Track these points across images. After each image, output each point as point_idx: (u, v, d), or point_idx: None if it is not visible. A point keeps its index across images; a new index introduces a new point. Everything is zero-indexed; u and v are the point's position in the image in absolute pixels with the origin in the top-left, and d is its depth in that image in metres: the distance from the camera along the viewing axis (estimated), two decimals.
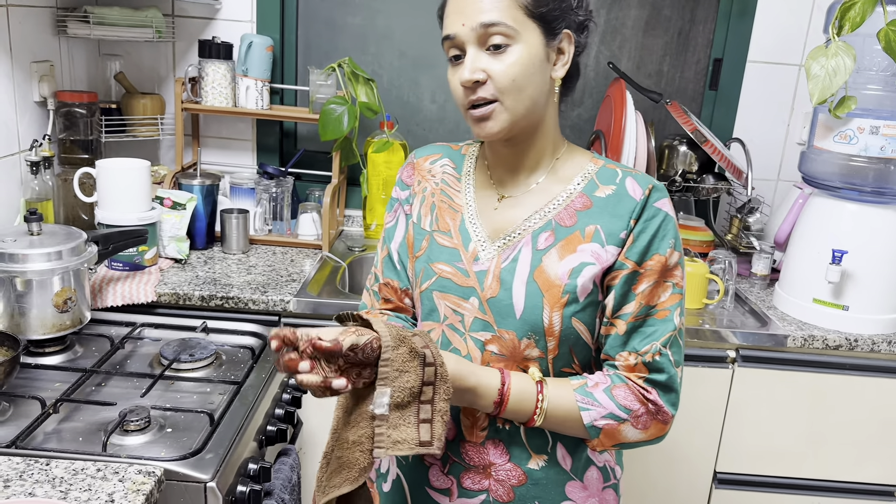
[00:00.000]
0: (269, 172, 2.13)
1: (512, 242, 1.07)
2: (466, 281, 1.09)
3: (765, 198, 2.20)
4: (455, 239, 1.11)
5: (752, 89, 2.23)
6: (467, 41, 1.00)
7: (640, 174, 1.07)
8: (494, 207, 1.11)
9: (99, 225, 1.75)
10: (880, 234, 1.72)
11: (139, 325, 1.62)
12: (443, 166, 1.19)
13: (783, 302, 1.86)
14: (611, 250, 1.03)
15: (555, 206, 1.07)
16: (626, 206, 1.04)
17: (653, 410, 1.02)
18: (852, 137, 1.68)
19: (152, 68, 2.21)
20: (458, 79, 1.02)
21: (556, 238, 1.05)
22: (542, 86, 1.03)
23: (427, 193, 1.17)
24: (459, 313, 1.09)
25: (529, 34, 1.00)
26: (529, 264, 1.05)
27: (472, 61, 1.00)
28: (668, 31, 2.24)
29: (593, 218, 1.05)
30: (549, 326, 1.03)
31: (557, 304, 1.03)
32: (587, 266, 1.03)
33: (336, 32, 2.28)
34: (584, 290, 1.03)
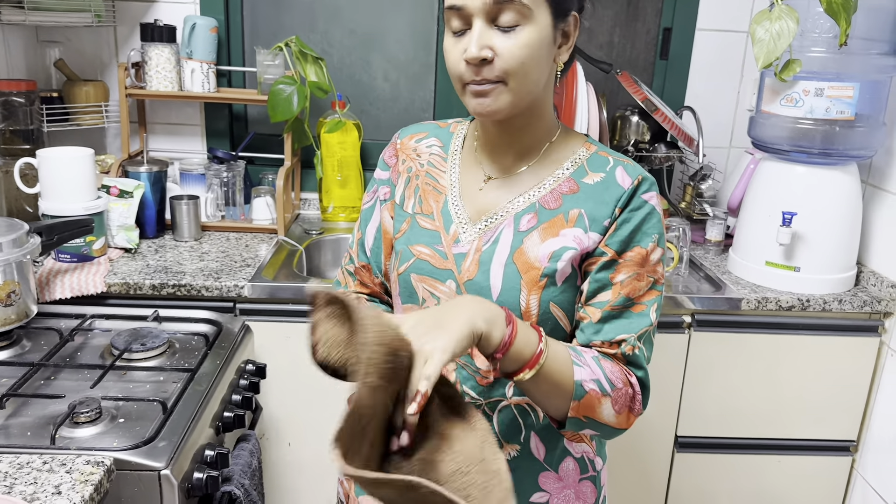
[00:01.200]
0: (220, 157, 2.09)
1: (494, 224, 1.05)
2: (444, 263, 1.06)
3: (717, 164, 2.22)
4: (437, 221, 1.09)
5: (701, 57, 2.24)
6: (476, 14, 0.93)
7: (632, 164, 1.04)
8: (479, 188, 1.08)
9: (43, 216, 1.70)
10: (828, 195, 1.75)
11: (89, 316, 1.58)
12: (430, 146, 1.15)
13: (737, 266, 1.89)
14: (593, 237, 1.00)
15: (541, 190, 1.04)
16: (612, 194, 1.01)
17: (630, 395, 0.98)
18: (798, 100, 1.70)
19: (94, 54, 2.15)
20: (459, 52, 0.95)
21: (539, 220, 1.03)
22: (546, 69, 0.99)
23: (412, 174, 1.14)
24: (436, 296, 1.06)
25: (541, 14, 0.94)
26: (510, 246, 1.03)
27: (479, 37, 0.93)
28: (617, 1, 2.24)
29: (579, 202, 1.02)
30: (525, 310, 1.01)
31: (535, 287, 1.00)
32: (568, 250, 1.00)
33: (283, 11, 2.24)
34: (563, 274, 1.01)
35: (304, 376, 1.74)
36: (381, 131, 2.34)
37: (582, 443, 1.10)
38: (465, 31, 0.96)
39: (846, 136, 1.71)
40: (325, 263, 2.12)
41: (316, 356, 0.87)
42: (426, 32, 2.26)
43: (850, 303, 1.76)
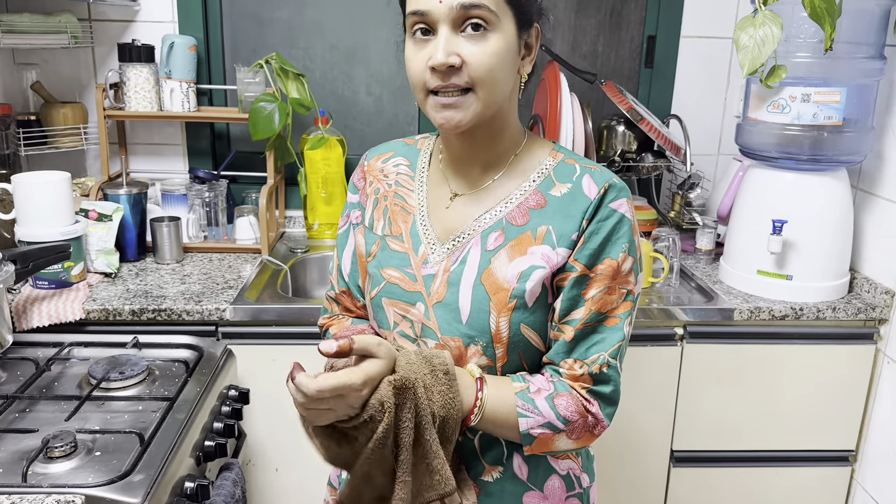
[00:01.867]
0: (201, 177, 2.06)
1: (461, 244, 1.02)
2: (413, 286, 1.04)
3: (705, 173, 2.19)
4: (406, 243, 1.06)
5: (687, 65, 2.22)
6: (441, 20, 0.90)
7: (600, 171, 1.01)
8: (446, 206, 1.06)
9: (19, 242, 1.66)
10: (818, 202, 1.72)
11: (67, 344, 1.54)
12: (396, 165, 1.13)
13: (728, 275, 1.86)
14: (561, 252, 0.97)
15: (507, 205, 1.02)
16: (579, 206, 0.98)
17: (591, 423, 0.97)
18: (785, 106, 1.68)
19: (72, 76, 2.12)
20: (423, 59, 0.92)
21: (507, 238, 1.00)
22: (511, 80, 0.97)
23: (380, 195, 1.12)
24: (409, 319, 1.04)
25: (507, 22, 0.93)
26: (478, 266, 1.00)
27: (446, 43, 0.90)
28: (600, 10, 2.22)
29: (546, 218, 0.99)
30: (496, 332, 0.98)
31: (505, 309, 0.97)
32: (536, 269, 0.97)
33: (263, 28, 2.22)
34: (533, 295, 0.98)
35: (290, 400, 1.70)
36: (365, 146, 2.29)
37: (567, 459, 1.07)
38: (428, 38, 0.93)
39: (834, 141, 1.69)
40: (310, 282, 2.08)
41: None
42: None
43: (844, 310, 1.73)
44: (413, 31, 0.94)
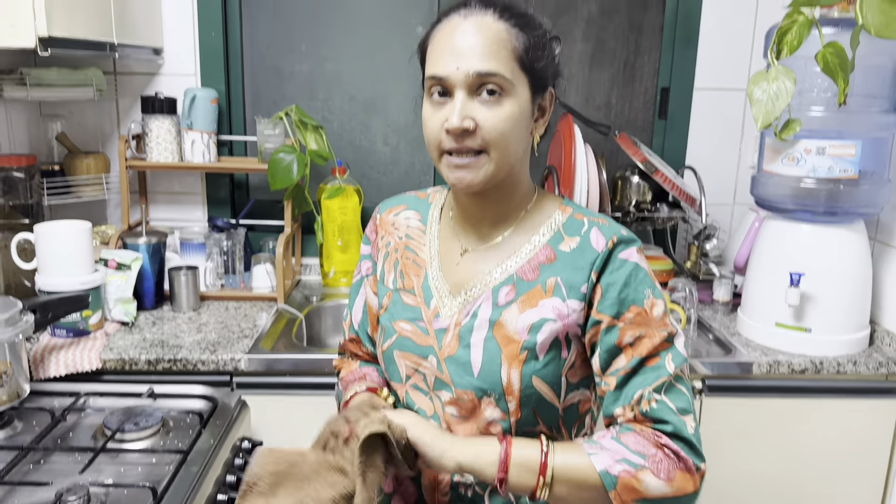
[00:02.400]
0: (220, 226, 2.08)
1: (473, 298, 1.03)
2: (426, 339, 1.05)
3: (721, 222, 2.19)
4: (418, 297, 1.08)
5: (701, 116, 2.24)
6: (458, 85, 0.94)
7: (608, 224, 1.02)
8: (457, 262, 1.07)
9: (39, 292, 1.68)
10: (836, 255, 1.71)
11: (83, 394, 1.55)
12: (407, 219, 1.15)
13: (746, 327, 1.84)
14: (572, 304, 0.98)
15: (518, 260, 1.03)
16: (587, 258, 0.99)
17: (672, 456, 0.91)
18: (800, 159, 1.68)
19: (96, 127, 2.17)
20: (439, 121, 0.95)
21: (518, 292, 1.01)
22: (525, 141, 1.00)
23: (391, 248, 1.14)
24: (421, 372, 1.05)
25: (521, 88, 0.96)
26: (489, 320, 1.01)
27: (462, 107, 0.93)
28: (613, 63, 2.25)
29: (555, 271, 1.00)
30: (507, 385, 0.98)
31: (516, 361, 0.98)
32: (547, 322, 0.98)
33: (284, 80, 2.26)
34: (544, 347, 0.98)
35: None
36: (382, 195, 2.32)
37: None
38: (444, 100, 0.96)
39: (851, 194, 1.68)
40: (325, 331, 2.08)
41: None
42: None
43: (865, 364, 1.70)
44: (431, 93, 0.97)
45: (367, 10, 2.20)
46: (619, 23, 2.22)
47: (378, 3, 2.20)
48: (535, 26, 0.98)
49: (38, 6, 1.44)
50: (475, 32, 0.93)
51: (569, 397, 1.03)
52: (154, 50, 2.09)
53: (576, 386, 1.03)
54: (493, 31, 0.94)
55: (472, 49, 0.93)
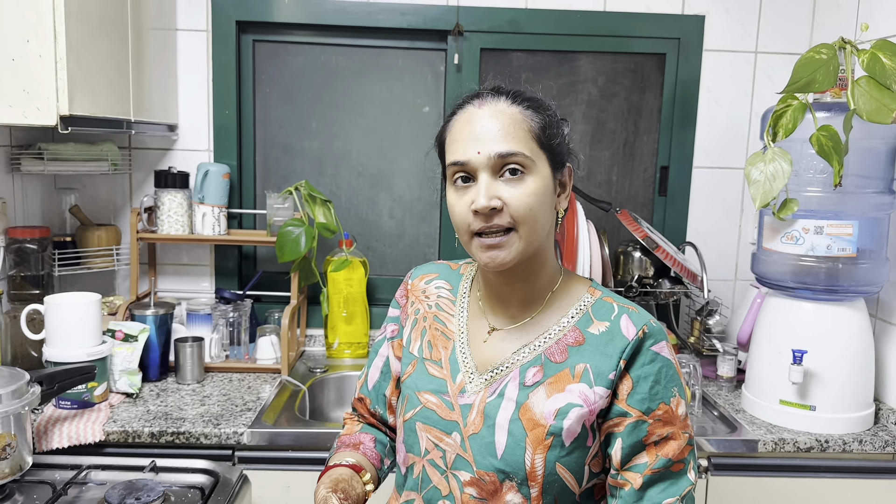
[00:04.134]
0: (226, 297, 2.11)
1: (499, 376, 1.04)
2: (451, 414, 1.05)
3: (723, 298, 2.21)
4: (445, 369, 1.09)
5: (700, 193, 2.29)
6: (480, 168, 0.97)
7: (637, 312, 1.04)
8: (484, 340, 1.09)
9: (46, 363, 1.69)
10: (838, 332, 1.72)
11: (85, 467, 1.54)
12: (438, 288, 1.17)
13: (751, 404, 1.83)
14: (599, 391, 0.99)
15: (546, 340, 1.04)
16: (616, 346, 1.00)
17: None
18: (798, 238, 1.72)
19: (109, 199, 2.22)
20: (466, 204, 0.98)
21: (545, 374, 1.02)
22: (550, 217, 1.02)
23: (419, 316, 1.16)
24: (441, 448, 1.05)
25: (542, 165, 0.99)
26: (515, 401, 1.02)
27: (487, 188, 0.96)
28: (613, 142, 2.32)
29: (584, 356, 1.01)
30: (531, 470, 0.98)
31: (541, 447, 0.98)
32: (574, 408, 0.99)
33: (294, 157, 2.33)
34: (571, 434, 0.99)
35: None
36: (387, 267, 2.36)
37: None
38: (468, 184, 0.99)
39: (850, 272, 1.71)
40: (328, 403, 2.08)
41: None
42: (430, 171, 2.33)
43: (870, 443, 1.69)
44: (454, 180, 1.00)
45: (375, 91, 2.29)
46: (618, 105, 2.30)
47: (386, 85, 2.29)
48: (546, 107, 1.03)
49: (61, 86, 1.50)
50: (492, 118, 0.98)
51: (588, 484, 1.03)
52: (169, 126, 2.16)
53: (597, 474, 1.04)
54: (508, 114, 0.99)
55: (490, 133, 0.97)
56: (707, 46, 2.23)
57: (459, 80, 2.23)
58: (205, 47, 2.19)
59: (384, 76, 2.28)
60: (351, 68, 2.28)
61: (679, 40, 2.23)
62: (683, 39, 2.23)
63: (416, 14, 2.19)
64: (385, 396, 1.20)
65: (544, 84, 2.25)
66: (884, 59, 1.55)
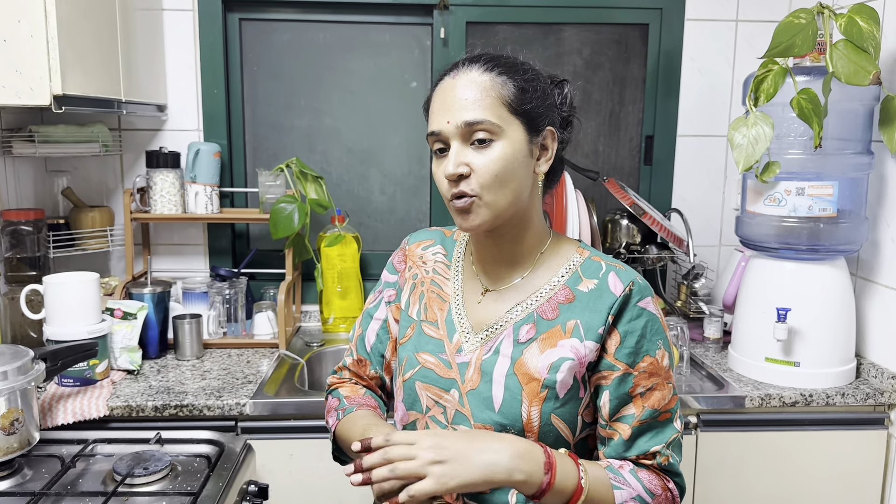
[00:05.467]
0: (222, 275, 2.13)
1: (494, 335, 1.08)
2: (448, 372, 1.09)
3: (708, 263, 2.26)
4: (441, 330, 1.13)
5: (684, 161, 2.33)
6: (451, 137, 1.02)
7: (624, 269, 1.08)
8: (478, 301, 1.13)
9: (48, 341, 1.72)
10: (820, 290, 1.78)
11: (91, 441, 1.57)
12: (435, 254, 1.21)
13: (737, 363, 1.89)
14: (588, 345, 1.03)
15: (537, 299, 1.08)
16: (605, 302, 1.04)
17: (671, 498, 1.05)
18: (781, 200, 1.77)
19: (101, 181, 2.23)
20: (442, 171, 1.03)
21: (538, 331, 1.06)
22: (525, 180, 1.04)
23: (417, 281, 1.19)
24: (441, 405, 1.09)
25: (513, 130, 1.01)
26: (510, 357, 1.06)
27: (455, 155, 1.01)
28: (599, 113, 2.35)
29: (575, 312, 1.05)
30: (527, 421, 1.03)
31: (537, 399, 1.03)
32: (566, 361, 1.03)
33: (283, 134, 2.34)
34: (564, 386, 1.03)
35: (307, 494, 1.71)
36: (379, 242, 2.40)
37: None
38: (445, 150, 1.04)
39: (831, 231, 1.76)
40: (326, 375, 2.11)
41: None
42: (419, 147, 2.36)
43: (853, 396, 1.76)
44: (434, 149, 1.05)
45: (363, 67, 2.30)
46: (603, 76, 2.33)
47: (373, 61, 2.30)
48: (524, 71, 1.04)
49: (53, 66, 1.51)
50: (464, 87, 1.02)
51: (581, 434, 1.08)
52: (158, 107, 2.17)
53: (590, 424, 1.09)
54: (478, 83, 1.02)
55: (459, 102, 1.01)
56: (689, 16, 2.26)
57: (446, 54, 2.26)
58: (191, 27, 2.19)
59: (371, 52, 2.30)
60: (338, 45, 2.30)
61: (661, 10, 2.26)
62: (666, 9, 2.26)
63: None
64: (384, 358, 1.23)
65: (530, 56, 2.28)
66: (861, 22, 1.60)
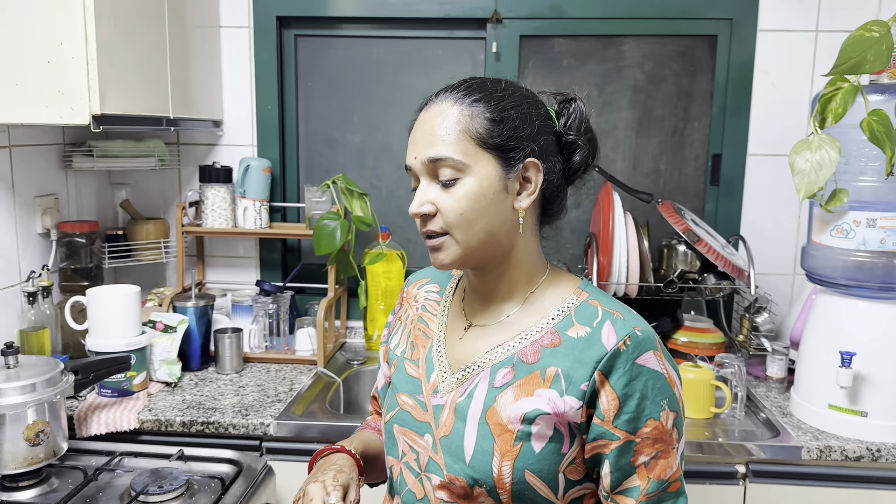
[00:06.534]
0: (266, 289, 2.15)
1: (471, 375, 1.01)
2: (424, 416, 1.03)
3: (780, 294, 2.09)
4: (420, 368, 1.07)
5: (756, 182, 2.16)
6: (419, 173, 0.98)
7: (623, 319, 0.96)
8: (460, 337, 1.06)
9: (89, 352, 1.77)
10: (892, 333, 1.59)
11: (118, 454, 1.60)
12: (427, 291, 1.16)
13: (799, 408, 1.72)
14: (570, 402, 0.93)
15: (521, 341, 1.00)
16: (593, 354, 0.93)
17: None
18: (849, 231, 1.59)
19: (159, 194, 2.30)
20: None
21: (515, 375, 0.97)
22: (500, 216, 0.97)
23: (408, 321, 1.15)
24: (415, 451, 1.03)
25: (482, 166, 0.94)
26: (483, 403, 0.98)
27: (421, 194, 0.98)
28: (661, 130, 2.22)
29: (557, 359, 0.96)
30: (498, 477, 0.94)
31: (509, 454, 0.94)
32: (542, 414, 0.94)
33: (336, 150, 2.34)
34: (541, 439, 0.94)
35: None
36: (426, 260, 2.34)
37: None
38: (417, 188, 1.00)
39: None
40: (363, 396, 2.09)
41: None
42: None
43: None
44: (413, 184, 1.02)
45: (415, 82, 2.27)
46: (666, 90, 2.20)
47: (426, 76, 2.26)
48: (498, 99, 0.96)
49: (92, 86, 1.56)
50: (432, 120, 0.96)
51: (570, 493, 0.98)
52: (214, 122, 2.21)
53: (578, 482, 0.98)
54: (448, 115, 0.96)
55: (425, 137, 0.96)
56: (762, 26, 2.09)
57: (499, 68, 2.19)
58: (247, 43, 2.22)
59: (424, 67, 2.26)
60: (391, 60, 2.27)
61: (731, 21, 2.11)
62: (736, 19, 2.10)
63: (455, 3, 2.16)
64: None
65: (588, 70, 2.18)
66: None
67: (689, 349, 1.94)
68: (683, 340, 1.97)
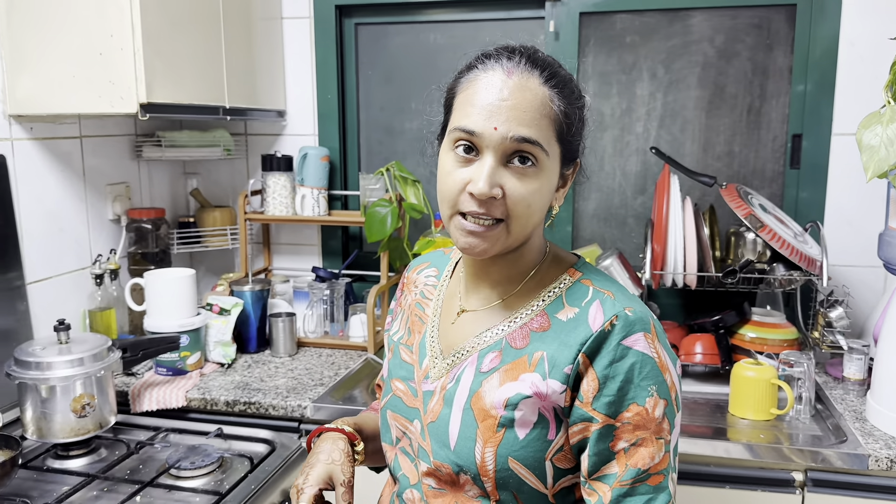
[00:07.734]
0: (321, 276, 2.17)
1: (459, 360, 0.97)
2: (414, 401, 1.01)
3: (862, 289, 1.89)
4: (414, 354, 1.05)
5: (842, 165, 1.96)
6: (490, 146, 0.86)
7: (614, 298, 0.89)
8: (452, 322, 1.03)
9: (146, 332, 1.86)
10: None
11: (164, 429, 1.67)
12: (427, 276, 1.13)
13: (874, 414, 1.55)
14: (552, 385, 0.88)
15: (510, 325, 0.95)
16: (578, 336, 0.88)
17: None
18: None
19: (228, 182, 2.38)
20: (461, 180, 0.87)
21: (503, 360, 0.93)
22: (544, 211, 0.94)
23: (406, 306, 1.13)
24: (409, 436, 1.01)
25: (553, 159, 0.90)
26: (469, 388, 0.94)
27: (491, 174, 0.85)
28: (734, 109, 2.05)
29: (544, 343, 0.91)
30: (481, 464, 0.90)
31: (492, 440, 0.90)
32: (524, 399, 0.89)
33: (395, 137, 2.34)
34: (525, 425, 0.89)
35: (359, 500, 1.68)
36: None
37: None
38: (470, 157, 0.87)
39: None
40: None
41: None
42: None
43: None
44: (456, 145, 0.88)
45: None
46: (739, 66, 2.03)
47: None
48: (578, 96, 0.92)
49: (139, 76, 1.62)
50: (520, 92, 0.86)
51: (560, 482, 0.92)
52: (278, 112, 2.27)
53: (568, 471, 0.92)
54: (538, 95, 0.87)
55: (513, 111, 0.85)
56: None
57: (557, 48, 2.10)
58: (308, 34, 2.26)
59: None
60: (449, 45, 2.24)
61: None
62: None
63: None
64: None
65: (652, 47, 2.06)
66: None
67: (756, 346, 1.79)
68: (751, 336, 1.81)
